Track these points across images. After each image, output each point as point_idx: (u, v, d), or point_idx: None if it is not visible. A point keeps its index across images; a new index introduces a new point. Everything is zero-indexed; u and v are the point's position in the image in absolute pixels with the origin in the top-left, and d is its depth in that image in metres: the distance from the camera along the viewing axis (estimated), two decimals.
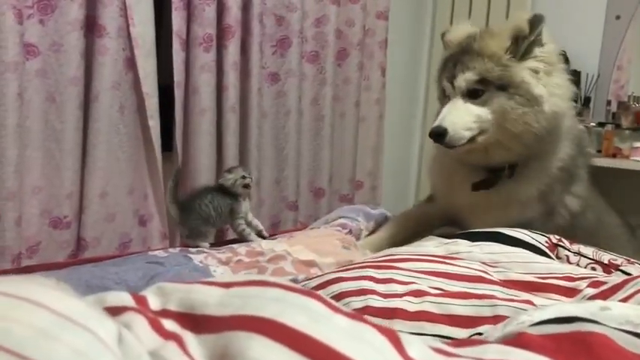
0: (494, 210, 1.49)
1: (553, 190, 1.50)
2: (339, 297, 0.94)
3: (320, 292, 0.95)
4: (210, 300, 0.49)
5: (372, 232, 1.88)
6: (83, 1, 1.99)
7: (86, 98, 2.06)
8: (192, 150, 2.34)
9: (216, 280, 0.52)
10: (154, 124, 2.20)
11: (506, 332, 0.56)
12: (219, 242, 1.92)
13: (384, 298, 0.95)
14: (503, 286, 0.93)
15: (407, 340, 0.49)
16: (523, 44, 1.38)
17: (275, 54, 2.58)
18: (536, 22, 1.40)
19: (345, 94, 2.86)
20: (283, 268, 1.46)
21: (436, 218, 1.77)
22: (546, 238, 1.24)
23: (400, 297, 0.95)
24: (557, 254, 1.21)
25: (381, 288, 0.97)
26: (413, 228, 1.78)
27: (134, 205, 2.21)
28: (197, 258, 1.55)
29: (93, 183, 2.08)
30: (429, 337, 0.87)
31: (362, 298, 0.93)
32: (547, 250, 1.21)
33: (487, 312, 0.84)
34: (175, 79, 2.24)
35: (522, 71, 1.38)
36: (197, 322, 0.47)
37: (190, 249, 1.66)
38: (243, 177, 1.85)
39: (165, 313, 0.49)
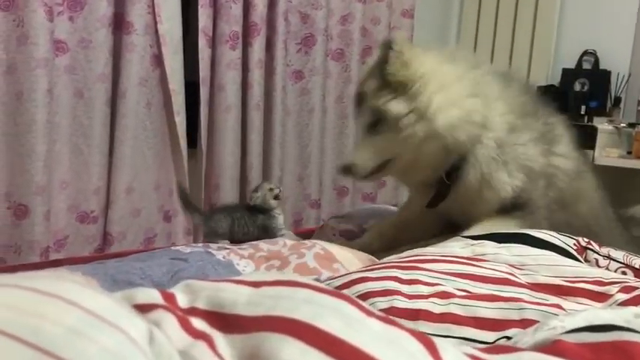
0: (476, 204, 1.42)
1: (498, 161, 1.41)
2: (364, 297, 0.93)
3: (345, 291, 0.95)
4: (239, 299, 0.48)
5: None
6: None
7: (114, 94, 2.08)
8: (216, 147, 2.35)
9: (244, 279, 0.52)
10: (180, 120, 2.21)
11: (539, 338, 0.55)
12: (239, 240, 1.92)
13: (409, 299, 0.94)
14: (531, 289, 0.92)
15: (442, 346, 0.48)
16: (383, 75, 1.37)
17: (299, 52, 2.58)
18: (383, 46, 1.41)
19: None
20: (306, 263, 1.46)
21: (422, 223, 1.68)
22: (574, 241, 1.22)
23: (425, 298, 0.94)
24: (585, 257, 1.19)
25: (406, 289, 0.96)
26: (406, 230, 1.68)
27: (159, 201, 2.23)
28: (220, 254, 1.56)
29: (119, 178, 2.10)
30: (454, 339, 0.86)
31: (387, 298, 0.92)
32: (575, 253, 1.19)
33: (514, 315, 0.83)
34: (201, 76, 2.25)
35: (380, 101, 1.38)
36: (226, 322, 0.47)
37: (211, 245, 1.67)
38: (271, 189, 1.83)
39: (193, 312, 0.49)
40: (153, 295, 0.51)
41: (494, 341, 0.83)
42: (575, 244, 1.19)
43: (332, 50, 2.68)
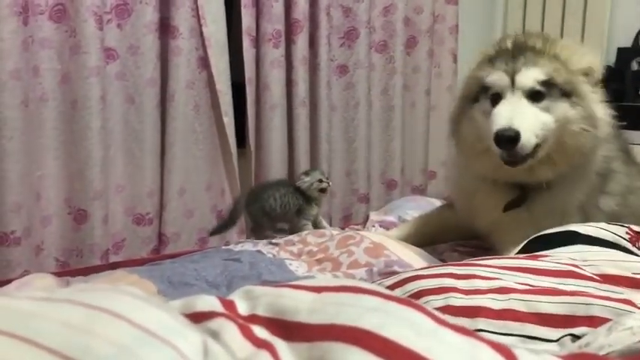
0: (525, 227, 1.29)
1: (591, 196, 1.38)
2: (417, 295, 0.91)
3: (397, 291, 0.93)
4: (301, 305, 0.48)
5: None
6: (157, 4, 2.05)
7: (162, 98, 2.13)
8: (264, 145, 2.37)
9: (305, 284, 0.51)
10: (229, 120, 2.24)
11: (617, 342, 0.52)
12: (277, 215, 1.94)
13: (466, 295, 0.91)
14: (598, 282, 0.88)
15: (523, 356, 0.45)
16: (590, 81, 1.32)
17: (343, 46, 2.56)
18: (607, 77, 1.38)
19: (415, 83, 2.80)
20: (357, 260, 1.45)
21: (456, 227, 1.63)
22: (626, 229, 1.15)
23: (483, 294, 0.91)
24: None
25: (462, 284, 0.93)
26: (430, 234, 1.65)
27: (212, 201, 2.27)
28: (269, 252, 1.58)
29: (172, 180, 2.15)
30: (516, 337, 0.83)
31: (442, 296, 0.90)
32: (630, 245, 1.12)
33: (581, 311, 0.79)
34: (246, 75, 2.27)
35: (587, 89, 1.30)
36: (288, 329, 0.46)
37: (261, 242, 1.68)
38: (320, 180, 1.84)
39: (254, 319, 0.49)
40: (212, 303, 0.51)
41: (559, 339, 0.80)
42: (627, 232, 1.13)
43: (375, 42, 2.65)
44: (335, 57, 2.54)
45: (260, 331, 0.47)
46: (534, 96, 1.25)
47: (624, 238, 1.12)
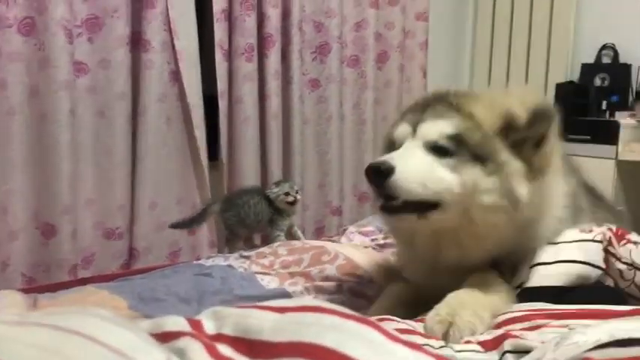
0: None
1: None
2: None
3: None
4: (265, 325, 0.49)
5: None
6: (128, 18, 2.05)
7: (134, 112, 2.12)
8: (236, 158, 2.37)
9: (271, 305, 0.53)
10: (200, 134, 2.24)
11: (563, 356, 0.55)
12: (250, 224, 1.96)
13: None
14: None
15: None
16: (513, 135, 1.05)
17: (315, 60, 2.59)
18: (538, 118, 1.05)
19: (386, 97, 2.85)
20: (328, 276, 1.47)
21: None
22: (601, 244, 1.16)
23: None
24: (608, 266, 1.14)
25: None
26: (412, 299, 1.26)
27: (183, 215, 2.25)
28: (240, 266, 1.57)
29: (143, 194, 2.14)
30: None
31: None
32: (603, 266, 1.14)
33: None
34: (219, 89, 2.28)
35: (508, 157, 1.05)
36: (252, 347, 0.47)
37: (232, 256, 1.68)
38: (287, 194, 1.86)
39: (220, 338, 0.50)
40: (180, 323, 0.52)
41: (501, 357, 0.81)
42: (603, 248, 1.15)
43: (347, 57, 2.69)
44: (307, 71, 2.57)
45: (224, 349, 0.49)
46: (438, 150, 1.05)
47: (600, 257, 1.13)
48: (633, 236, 1.14)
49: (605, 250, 1.14)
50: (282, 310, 0.51)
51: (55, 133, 1.90)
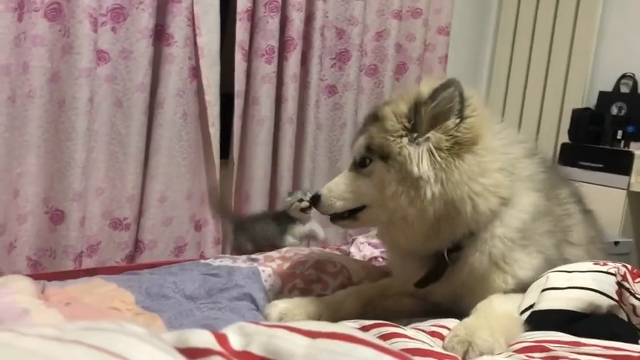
0: (478, 289, 1.21)
1: (557, 246, 1.26)
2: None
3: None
4: (296, 350, 0.48)
5: None
6: (153, 10, 2.05)
7: (151, 104, 2.12)
8: (248, 158, 2.37)
9: (299, 327, 0.52)
10: (215, 131, 2.24)
11: None
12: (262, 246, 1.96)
13: None
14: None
15: None
16: (422, 112, 1.15)
17: (334, 67, 2.59)
18: (440, 88, 1.14)
19: None
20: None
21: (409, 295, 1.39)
22: (614, 278, 1.16)
23: None
24: (622, 301, 1.14)
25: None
26: (370, 300, 1.39)
27: (191, 210, 2.26)
28: (248, 267, 1.57)
29: (153, 187, 2.14)
30: None
31: None
32: (617, 299, 1.14)
33: None
34: (236, 88, 2.28)
35: (403, 143, 1.15)
36: None
37: (240, 258, 1.68)
38: (300, 200, 1.86)
39: (247, 356, 0.50)
40: (207, 339, 0.51)
41: None
42: (616, 284, 1.15)
43: (366, 66, 2.69)
44: (325, 77, 2.57)
45: None
46: (362, 162, 1.23)
47: (613, 293, 1.13)
48: None
49: (619, 284, 1.14)
50: (312, 334, 0.50)
51: (72, 119, 1.91)
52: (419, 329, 1.02)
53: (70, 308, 1.16)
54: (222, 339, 0.52)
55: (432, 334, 1.00)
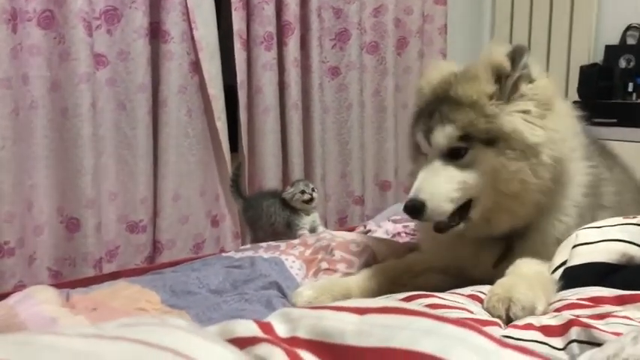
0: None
1: (588, 216, 1.24)
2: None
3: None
4: (347, 328, 0.46)
5: None
6: (147, 8, 2.02)
7: (154, 104, 2.09)
8: (257, 149, 2.35)
9: (346, 305, 0.50)
10: (222, 125, 2.22)
11: None
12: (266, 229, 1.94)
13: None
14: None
15: None
16: (507, 84, 1.13)
17: (334, 47, 2.55)
18: (517, 54, 1.13)
19: (406, 84, 2.80)
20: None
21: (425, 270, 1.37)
22: None
23: None
24: None
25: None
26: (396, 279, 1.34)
27: (206, 206, 2.24)
28: (270, 256, 1.56)
29: (165, 186, 2.12)
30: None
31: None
32: None
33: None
34: (238, 79, 2.25)
35: (512, 118, 1.12)
36: (336, 353, 0.44)
37: (261, 247, 1.66)
38: (302, 192, 1.83)
39: (295, 341, 0.47)
40: (251, 327, 0.49)
41: (565, 347, 0.78)
42: None
43: (366, 43, 2.64)
44: (327, 59, 2.53)
45: (306, 356, 0.46)
46: (454, 153, 1.14)
47: None
48: None
49: None
50: (361, 311, 0.48)
51: (77, 126, 1.89)
52: (457, 293, 1.00)
53: (97, 313, 1.14)
54: (266, 327, 0.49)
55: (471, 296, 0.97)
